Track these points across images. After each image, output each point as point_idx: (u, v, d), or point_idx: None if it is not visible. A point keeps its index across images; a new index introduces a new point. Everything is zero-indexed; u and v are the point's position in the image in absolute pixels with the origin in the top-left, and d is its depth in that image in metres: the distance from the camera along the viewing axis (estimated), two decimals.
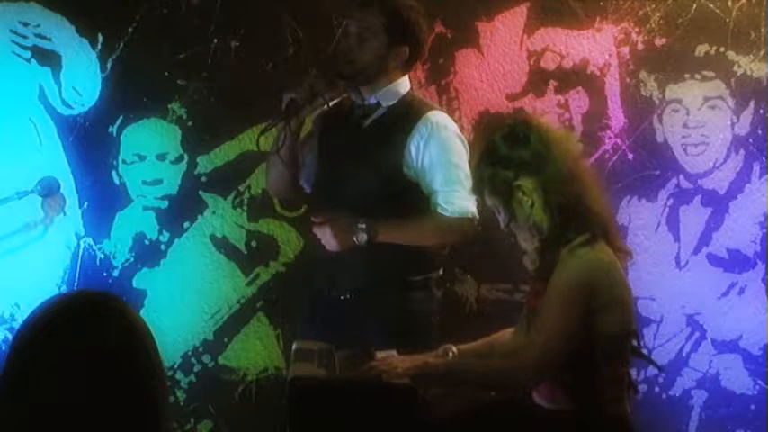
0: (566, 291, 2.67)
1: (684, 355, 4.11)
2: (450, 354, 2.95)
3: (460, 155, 3.39)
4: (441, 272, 3.52)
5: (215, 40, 4.01)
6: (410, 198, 3.40)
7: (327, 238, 3.29)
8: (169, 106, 4.04)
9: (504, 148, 2.79)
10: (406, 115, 3.42)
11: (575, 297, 2.66)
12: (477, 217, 3.35)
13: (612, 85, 4.08)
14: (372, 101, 3.43)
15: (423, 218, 3.40)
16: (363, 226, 3.27)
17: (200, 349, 4.08)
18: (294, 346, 3.07)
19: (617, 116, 4.08)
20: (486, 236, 3.81)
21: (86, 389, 1.54)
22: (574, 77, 4.08)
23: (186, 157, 4.06)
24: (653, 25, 4.05)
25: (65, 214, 3.99)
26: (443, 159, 3.37)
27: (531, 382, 2.77)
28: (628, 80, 4.07)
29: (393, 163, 3.37)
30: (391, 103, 3.42)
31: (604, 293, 2.68)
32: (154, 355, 1.63)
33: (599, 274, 2.69)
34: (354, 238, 3.27)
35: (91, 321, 1.60)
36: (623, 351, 2.76)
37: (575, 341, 2.65)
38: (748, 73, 4.05)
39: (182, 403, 4.06)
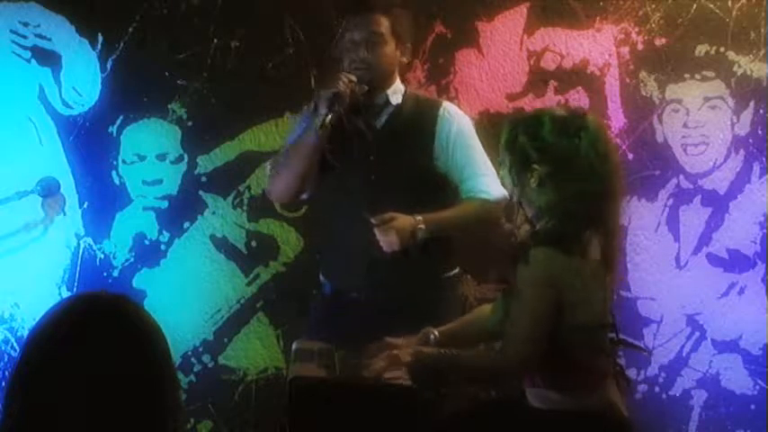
0: (531, 284, 2.69)
1: (684, 355, 4.11)
2: (432, 336, 2.96)
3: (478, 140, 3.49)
4: (458, 269, 3.56)
5: (215, 40, 4.02)
6: (438, 189, 3.43)
7: (391, 237, 3.26)
8: (169, 106, 4.04)
9: (547, 130, 2.76)
10: (421, 109, 3.47)
11: (541, 292, 2.68)
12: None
13: (612, 85, 4.08)
14: (381, 99, 3.44)
15: (468, 206, 3.44)
16: (423, 226, 3.28)
17: (200, 349, 4.08)
18: (294, 346, 3.07)
19: (617, 116, 4.08)
20: (486, 236, 3.82)
21: (98, 391, 1.55)
22: (574, 77, 4.08)
23: (186, 157, 4.06)
24: (653, 25, 4.05)
25: (65, 214, 3.99)
26: (471, 146, 3.45)
27: (516, 373, 2.80)
28: (628, 80, 4.07)
29: (424, 156, 3.41)
30: (399, 100, 3.44)
31: (570, 290, 2.70)
32: (167, 358, 1.64)
33: (561, 272, 2.70)
34: (415, 236, 3.28)
35: (104, 324, 1.60)
36: (597, 342, 2.78)
37: (548, 329, 2.67)
38: (748, 73, 4.05)
39: (182, 403, 4.06)
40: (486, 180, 3.41)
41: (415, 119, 3.44)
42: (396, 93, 3.45)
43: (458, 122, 3.45)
